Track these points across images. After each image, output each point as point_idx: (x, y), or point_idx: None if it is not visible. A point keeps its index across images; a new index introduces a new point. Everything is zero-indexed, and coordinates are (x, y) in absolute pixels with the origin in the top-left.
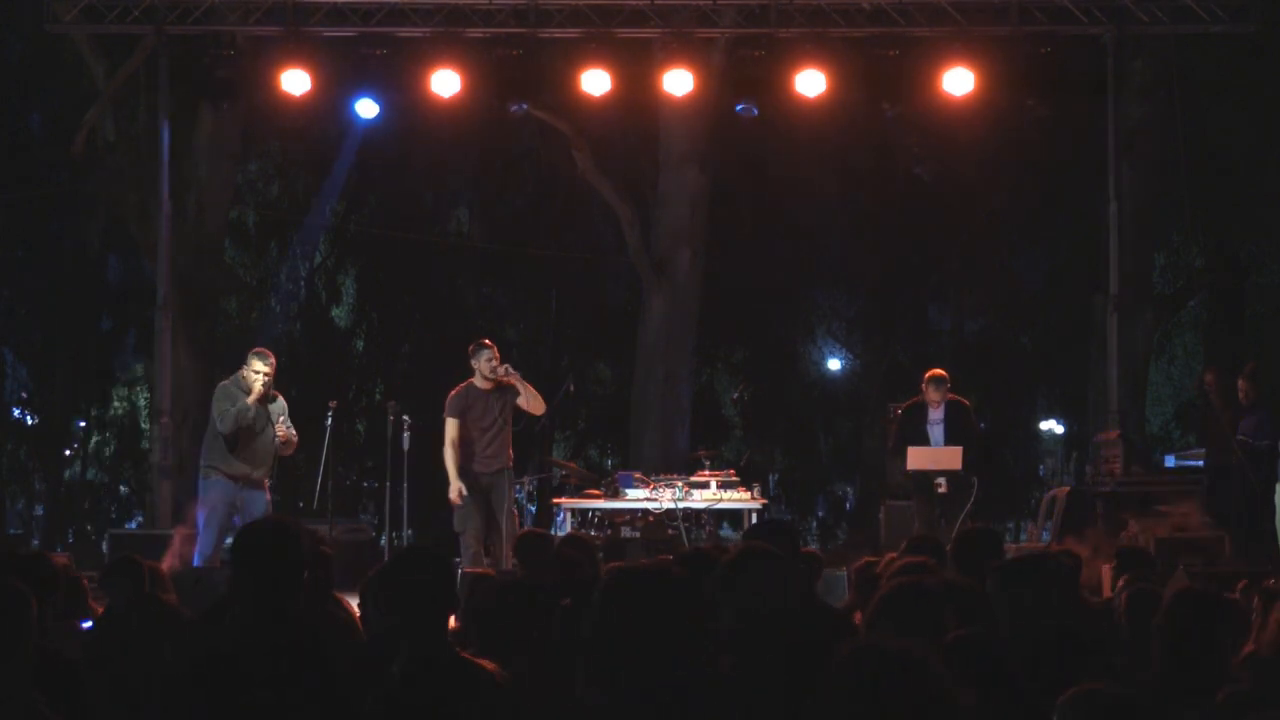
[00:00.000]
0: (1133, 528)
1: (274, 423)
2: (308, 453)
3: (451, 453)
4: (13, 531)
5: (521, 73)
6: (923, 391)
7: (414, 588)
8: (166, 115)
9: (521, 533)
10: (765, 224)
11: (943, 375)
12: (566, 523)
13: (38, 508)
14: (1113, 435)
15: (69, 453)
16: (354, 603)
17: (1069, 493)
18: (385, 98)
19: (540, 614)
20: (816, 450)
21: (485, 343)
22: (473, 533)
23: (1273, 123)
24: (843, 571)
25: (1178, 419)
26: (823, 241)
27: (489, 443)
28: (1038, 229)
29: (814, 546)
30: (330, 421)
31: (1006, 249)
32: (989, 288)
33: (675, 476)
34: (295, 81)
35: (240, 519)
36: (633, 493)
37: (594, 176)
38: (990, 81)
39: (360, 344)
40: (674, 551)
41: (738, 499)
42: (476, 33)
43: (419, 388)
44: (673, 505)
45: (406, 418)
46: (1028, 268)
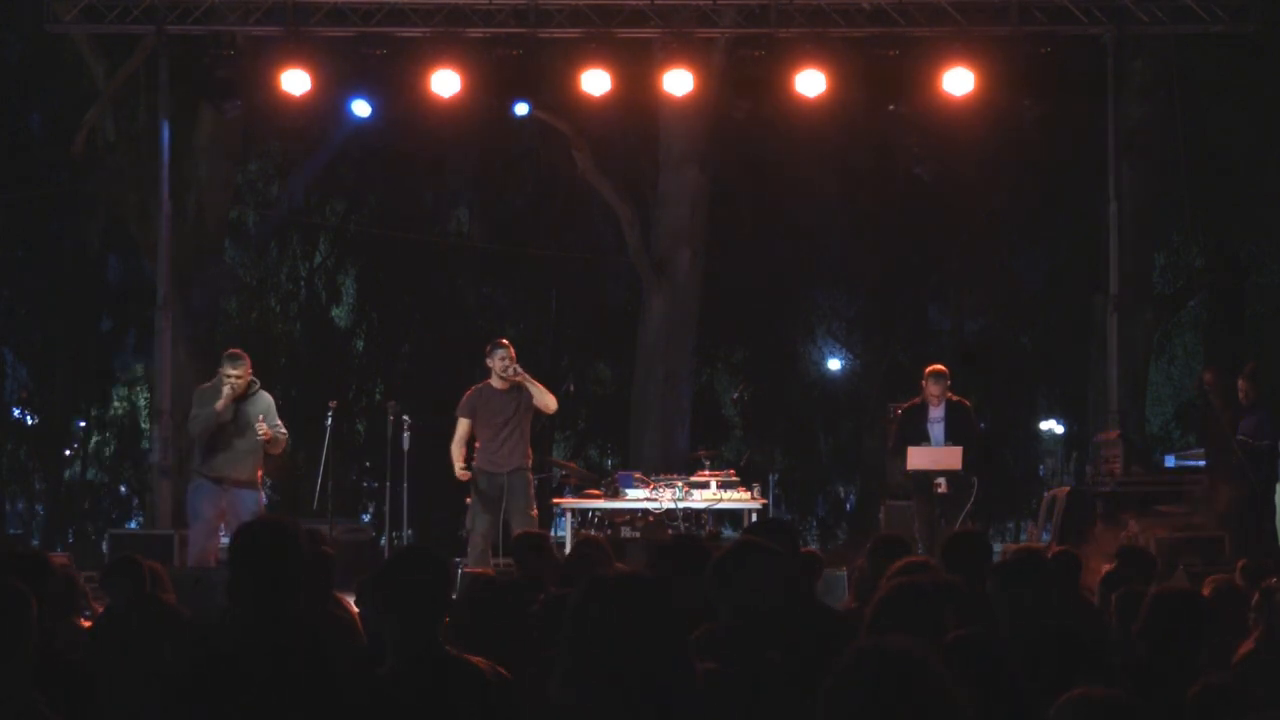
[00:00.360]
0: (1133, 528)
1: (255, 422)
2: (308, 453)
3: (457, 450)
4: (13, 531)
5: (521, 73)
6: (922, 387)
7: (410, 587)
8: (166, 115)
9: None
10: (765, 224)
11: (942, 370)
12: (567, 523)
13: (38, 508)
14: (1113, 435)
15: (69, 453)
16: (353, 602)
17: (1069, 493)
18: (385, 98)
19: (525, 613)
20: (816, 450)
21: (502, 342)
22: (481, 532)
23: (1273, 123)
24: (843, 571)
25: (1178, 419)
26: (823, 241)
27: (502, 442)
28: (1038, 229)
29: (814, 546)
30: (330, 421)
31: (1006, 249)
32: (989, 288)
33: (675, 476)
34: (295, 81)
35: (228, 521)
36: (633, 493)
37: (594, 176)
38: (990, 81)
39: (360, 344)
40: None
41: (738, 499)
42: (476, 33)
43: (419, 388)
44: (673, 505)
45: (406, 418)
46: (1028, 268)
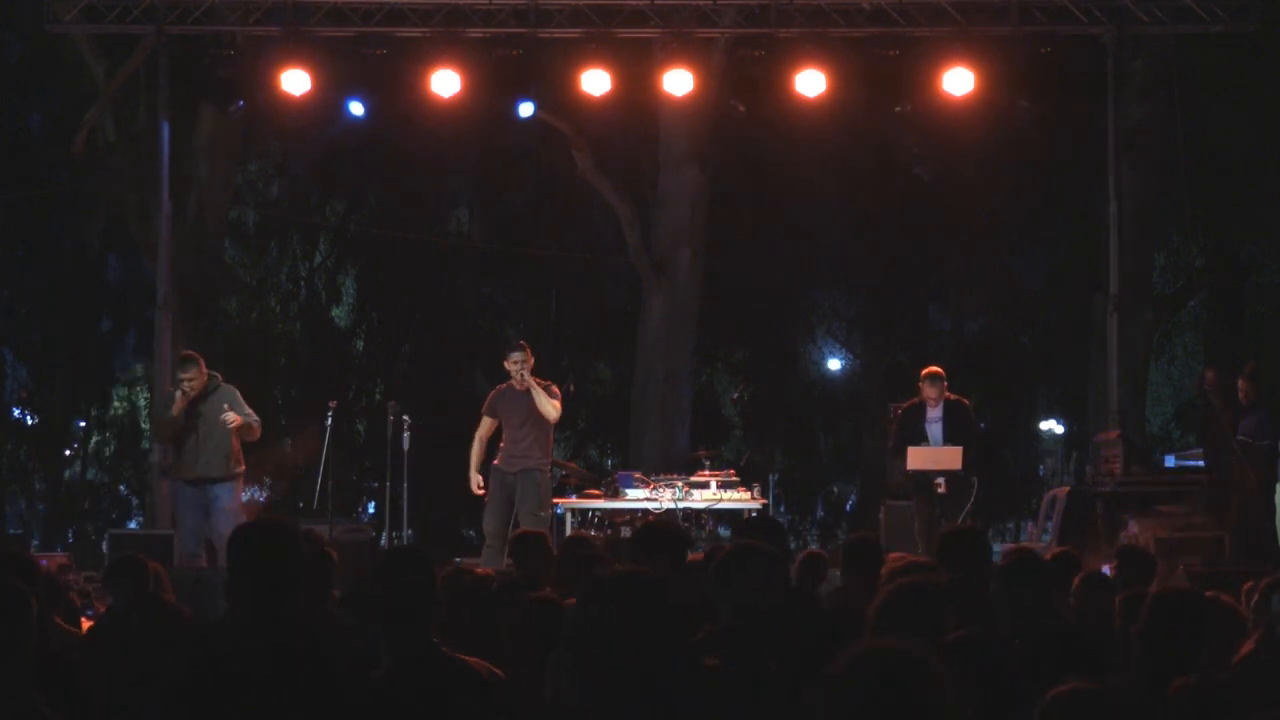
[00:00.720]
0: (1133, 528)
1: (220, 416)
2: (308, 453)
3: (475, 448)
4: (13, 531)
5: (521, 73)
6: (919, 389)
7: (400, 589)
8: (166, 115)
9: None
10: (765, 224)
11: (938, 372)
12: (567, 523)
13: (38, 507)
14: (1113, 435)
15: (69, 453)
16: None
17: (1069, 493)
18: (386, 98)
19: (494, 611)
20: (816, 450)
21: (519, 344)
22: (489, 532)
23: (1273, 123)
24: None
25: (1178, 419)
26: (823, 241)
27: (515, 442)
28: (1038, 229)
29: (814, 546)
30: (330, 421)
31: (1006, 249)
32: (989, 288)
33: (675, 476)
34: (295, 81)
35: (209, 517)
36: (633, 493)
37: (594, 176)
38: (990, 81)
39: (360, 344)
40: None
41: (738, 499)
42: (476, 33)
43: (419, 388)
44: (673, 505)
45: (406, 418)
46: (1028, 268)
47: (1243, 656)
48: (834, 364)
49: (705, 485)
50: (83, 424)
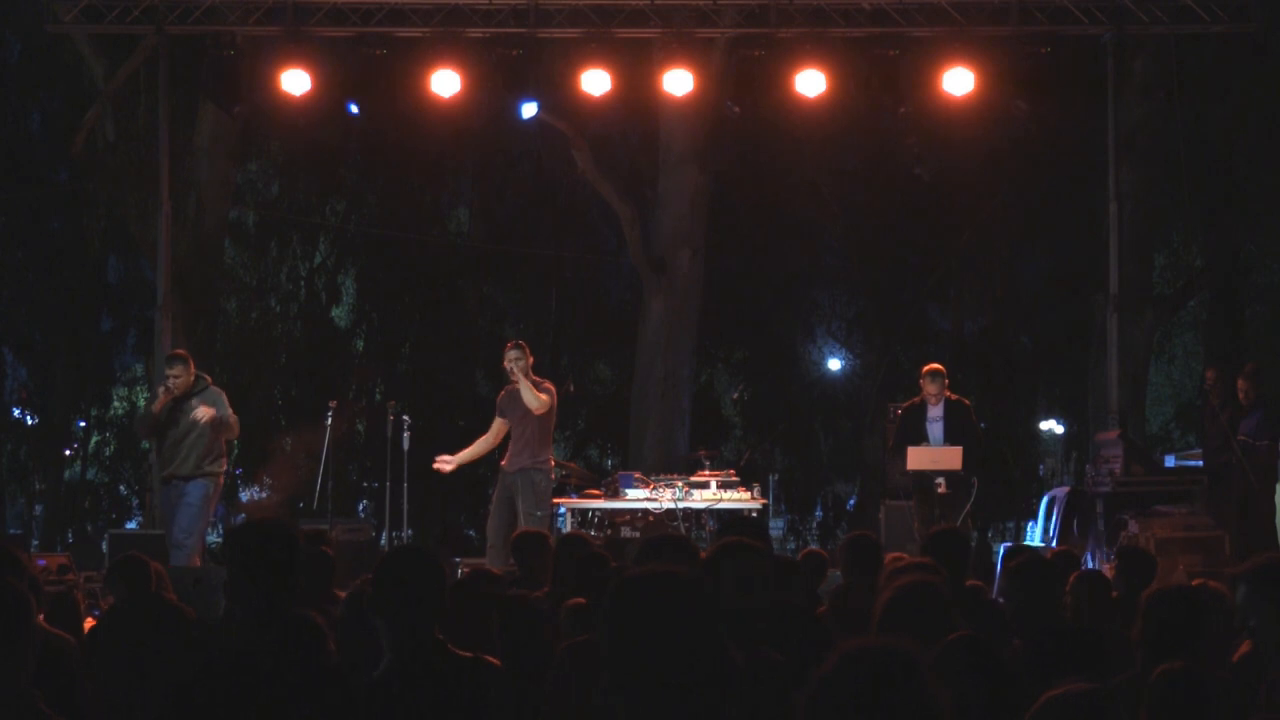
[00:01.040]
0: (1133, 528)
1: (193, 414)
2: (308, 453)
3: (476, 443)
4: (13, 531)
5: (521, 73)
6: (920, 387)
7: (403, 588)
8: (166, 115)
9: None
10: (765, 224)
11: (939, 369)
12: (567, 523)
13: (38, 507)
14: (1113, 435)
15: (69, 453)
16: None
17: (1069, 493)
18: (386, 98)
19: (487, 609)
20: (816, 450)
21: (515, 343)
22: (493, 531)
23: (1273, 123)
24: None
25: (1178, 419)
26: (823, 241)
27: (513, 441)
28: (1038, 229)
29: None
30: (330, 421)
31: (1006, 249)
32: (989, 288)
33: (675, 476)
34: (295, 81)
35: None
36: (633, 493)
37: (594, 176)
38: (990, 81)
39: (360, 344)
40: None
41: (738, 499)
42: (476, 33)
43: (419, 388)
44: (673, 505)
45: (406, 418)
46: (1028, 268)
47: (1242, 655)
48: (834, 364)
49: (705, 485)
50: (83, 424)
